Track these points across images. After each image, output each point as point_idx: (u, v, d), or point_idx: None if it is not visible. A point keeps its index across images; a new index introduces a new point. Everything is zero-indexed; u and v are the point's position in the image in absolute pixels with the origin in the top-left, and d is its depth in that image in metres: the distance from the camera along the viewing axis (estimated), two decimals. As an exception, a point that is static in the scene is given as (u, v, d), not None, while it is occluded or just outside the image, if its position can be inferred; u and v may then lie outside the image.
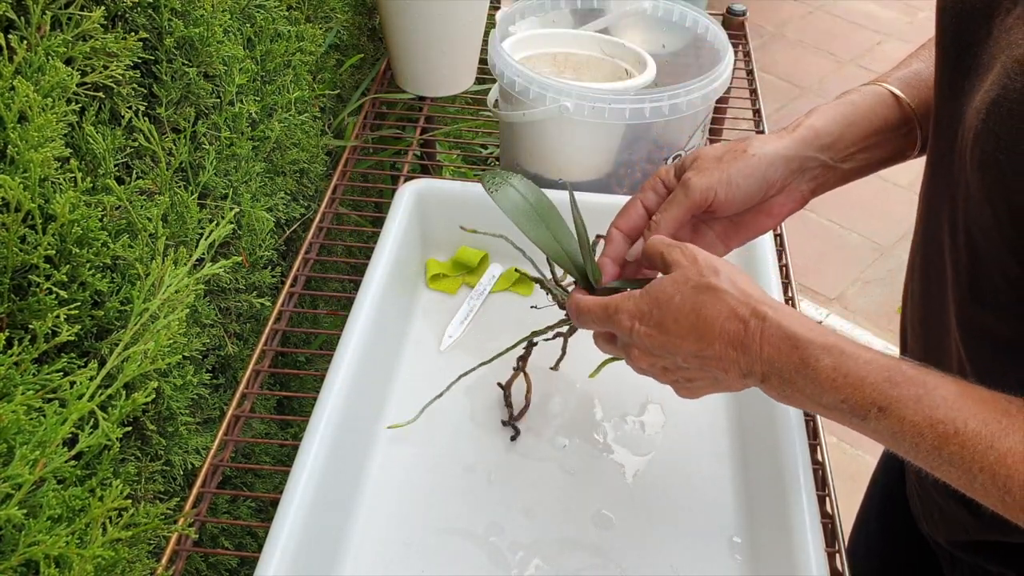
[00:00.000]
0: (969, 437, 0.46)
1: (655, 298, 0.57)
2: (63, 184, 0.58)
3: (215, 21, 0.75)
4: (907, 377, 0.49)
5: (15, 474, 0.47)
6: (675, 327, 0.56)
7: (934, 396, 0.47)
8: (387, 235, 0.83)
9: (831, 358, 0.50)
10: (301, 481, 0.62)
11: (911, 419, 0.47)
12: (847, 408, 0.50)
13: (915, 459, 0.49)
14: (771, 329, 0.53)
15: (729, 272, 0.56)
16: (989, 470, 0.45)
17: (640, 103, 0.84)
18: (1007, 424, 0.46)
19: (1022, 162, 0.46)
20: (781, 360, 0.52)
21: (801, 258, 2.36)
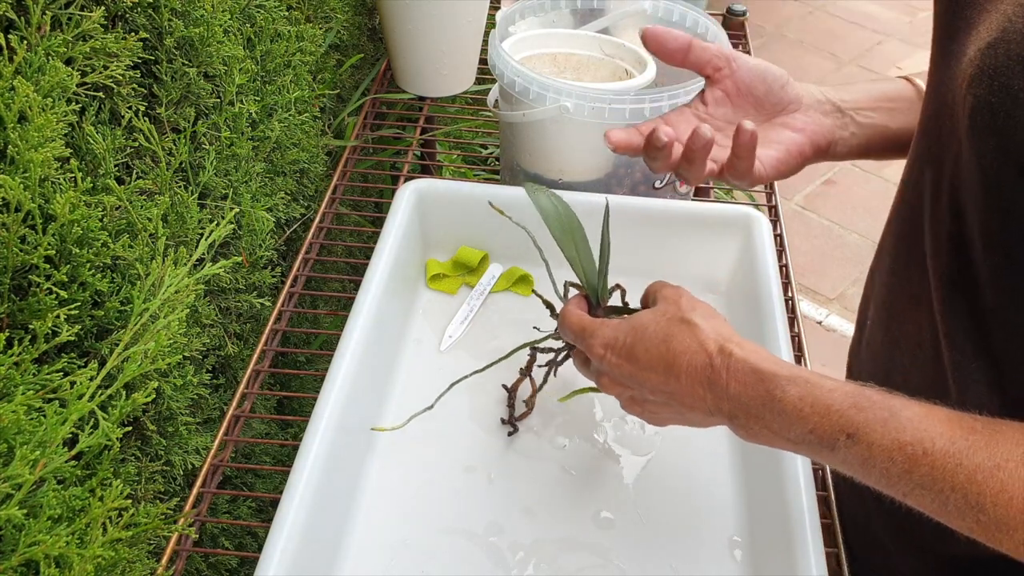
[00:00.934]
0: (938, 457, 0.45)
1: (631, 327, 0.58)
2: (63, 184, 0.58)
3: (215, 21, 0.75)
4: (872, 401, 0.48)
5: (15, 474, 0.47)
6: (645, 357, 0.56)
7: (900, 418, 0.47)
8: (387, 235, 0.83)
9: (796, 388, 0.50)
10: (301, 481, 0.62)
11: (879, 443, 0.47)
12: (815, 439, 0.49)
13: (887, 487, 0.48)
14: (737, 364, 0.53)
15: (706, 312, 0.57)
16: (961, 489, 0.44)
17: (640, 103, 0.84)
18: (974, 440, 0.45)
19: (1016, 103, 0.45)
20: (747, 395, 0.52)
21: (801, 258, 2.36)
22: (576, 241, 0.70)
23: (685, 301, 0.58)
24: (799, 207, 2.52)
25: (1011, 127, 0.46)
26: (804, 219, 2.49)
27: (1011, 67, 0.45)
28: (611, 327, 0.59)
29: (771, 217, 0.98)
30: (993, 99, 0.46)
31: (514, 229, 0.90)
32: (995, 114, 0.46)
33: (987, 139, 0.48)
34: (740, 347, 0.54)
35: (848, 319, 2.23)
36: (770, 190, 1.05)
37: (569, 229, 0.70)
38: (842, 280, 2.34)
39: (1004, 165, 0.47)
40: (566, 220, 0.71)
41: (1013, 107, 0.45)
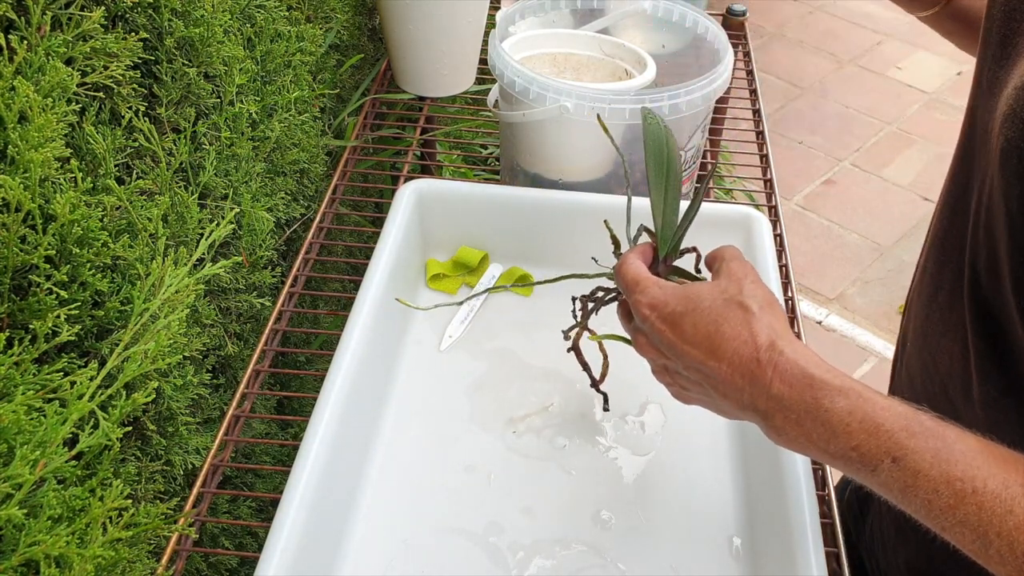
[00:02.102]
0: (988, 498, 0.43)
1: (686, 295, 0.54)
2: (63, 184, 0.58)
3: (215, 21, 0.75)
4: (926, 428, 0.46)
5: (15, 474, 0.47)
6: (691, 331, 0.53)
7: (953, 450, 0.44)
8: (387, 235, 0.83)
9: (847, 401, 0.47)
10: (301, 481, 0.62)
11: (927, 473, 0.44)
12: (856, 456, 0.47)
13: (924, 517, 0.45)
14: (786, 364, 0.50)
15: (766, 300, 0.53)
16: (1007, 536, 0.42)
17: (640, 103, 0.84)
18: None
19: None
20: (792, 398, 0.49)
21: (801, 258, 2.36)
22: (668, 183, 0.65)
23: (749, 284, 0.54)
24: (799, 207, 2.52)
25: None
26: (804, 219, 2.49)
27: None
28: (664, 289, 0.56)
29: (771, 217, 0.98)
30: (1022, 143, 0.45)
31: (514, 229, 0.90)
32: (1021, 159, 0.45)
33: (1014, 184, 0.46)
34: (791, 346, 0.51)
35: (847, 319, 2.23)
36: (770, 190, 1.05)
37: (666, 167, 0.65)
38: (842, 280, 2.34)
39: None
40: (668, 157, 0.65)
41: None
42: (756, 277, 0.55)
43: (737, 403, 0.52)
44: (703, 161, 1.01)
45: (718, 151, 1.25)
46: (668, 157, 0.65)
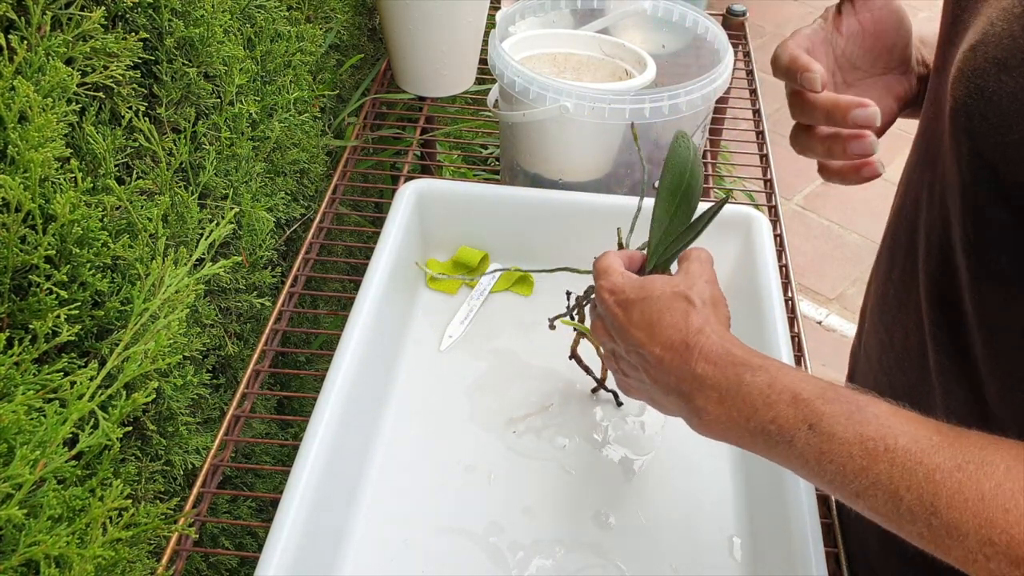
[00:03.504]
0: (899, 454, 0.44)
1: (641, 285, 0.57)
2: (63, 184, 0.58)
3: (215, 21, 0.75)
4: (840, 394, 0.47)
5: (15, 474, 0.47)
6: (638, 317, 0.56)
7: (865, 412, 0.46)
8: (387, 235, 0.83)
9: (766, 375, 0.49)
10: (301, 481, 0.62)
11: (841, 435, 0.45)
12: (775, 429, 0.48)
13: (840, 486, 0.46)
14: (711, 346, 0.52)
15: (712, 299, 0.56)
16: (916, 488, 0.43)
17: (640, 103, 0.84)
18: (938, 441, 0.44)
19: (989, 105, 0.45)
20: (715, 376, 0.51)
21: (801, 258, 2.36)
22: (678, 208, 0.66)
23: (701, 283, 0.57)
24: (799, 207, 2.52)
25: (985, 129, 0.45)
26: (804, 219, 2.49)
27: (987, 69, 0.45)
28: (625, 277, 0.59)
29: (771, 217, 0.98)
30: (969, 101, 0.46)
31: (514, 229, 0.90)
32: (971, 116, 0.46)
33: (963, 141, 0.47)
34: (719, 332, 0.53)
35: (848, 319, 2.23)
36: (770, 190, 1.05)
37: (681, 194, 0.66)
38: (842, 280, 2.34)
39: (979, 168, 0.47)
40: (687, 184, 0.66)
41: (987, 109, 0.45)
42: (712, 278, 0.58)
43: (665, 387, 0.54)
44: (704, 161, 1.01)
45: (718, 151, 1.25)
46: (688, 185, 0.66)
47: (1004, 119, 0.44)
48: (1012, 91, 0.44)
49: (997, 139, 0.45)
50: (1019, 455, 0.42)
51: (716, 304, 0.56)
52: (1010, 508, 0.40)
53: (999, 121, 0.45)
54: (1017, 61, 0.44)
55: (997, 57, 0.45)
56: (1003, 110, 0.44)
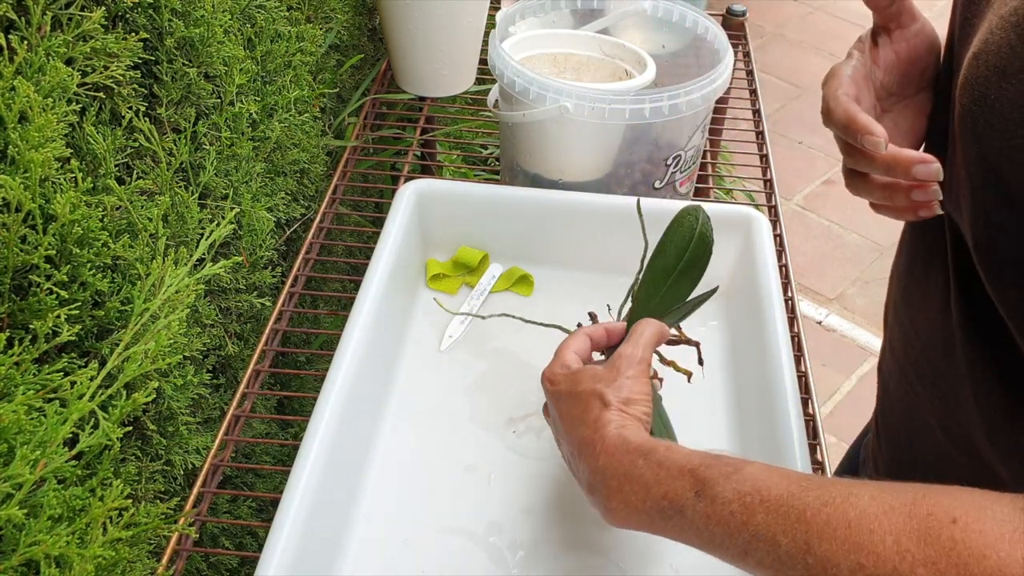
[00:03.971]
0: (772, 502, 0.45)
1: (572, 378, 0.59)
2: (64, 184, 0.58)
3: (215, 21, 0.75)
4: (720, 460, 0.50)
5: (16, 474, 0.48)
6: (565, 412, 0.59)
7: (742, 472, 0.48)
8: (387, 235, 0.83)
9: (657, 455, 0.51)
10: (301, 481, 0.63)
11: (721, 496, 0.47)
12: (668, 504, 0.50)
13: (729, 548, 0.48)
14: (609, 438, 0.54)
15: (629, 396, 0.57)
16: (791, 530, 0.44)
17: (640, 103, 0.84)
18: (807, 484, 0.46)
19: (992, 112, 0.46)
20: (612, 466, 0.53)
21: (801, 258, 2.36)
22: (670, 285, 0.67)
23: (622, 380, 0.58)
24: (799, 207, 2.52)
25: (989, 135, 0.47)
26: (804, 219, 2.49)
27: (988, 77, 0.47)
28: (563, 366, 0.61)
29: (771, 217, 0.98)
30: (974, 107, 0.47)
31: (514, 229, 0.90)
32: (976, 123, 0.47)
33: (971, 145, 0.48)
34: (618, 424, 0.55)
35: (848, 319, 2.23)
36: (770, 190, 1.06)
37: (671, 269, 0.67)
38: (842, 280, 2.34)
39: (986, 172, 0.48)
40: (683, 260, 0.67)
41: (990, 115, 0.46)
42: (639, 371, 0.59)
43: (581, 481, 0.57)
44: (704, 161, 1.01)
45: (718, 151, 1.25)
46: (687, 264, 0.67)
47: (1007, 125, 0.45)
48: (1013, 98, 0.45)
49: (1002, 144, 0.46)
50: (882, 486, 0.44)
51: (631, 402, 0.57)
52: (874, 528, 0.42)
53: (1003, 127, 0.46)
54: (1015, 69, 0.45)
55: (997, 65, 0.46)
56: (1005, 116, 0.45)
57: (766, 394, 0.72)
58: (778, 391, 0.70)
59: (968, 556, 0.39)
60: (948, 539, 0.40)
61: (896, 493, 0.43)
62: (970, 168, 0.49)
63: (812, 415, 0.77)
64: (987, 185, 0.48)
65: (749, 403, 0.77)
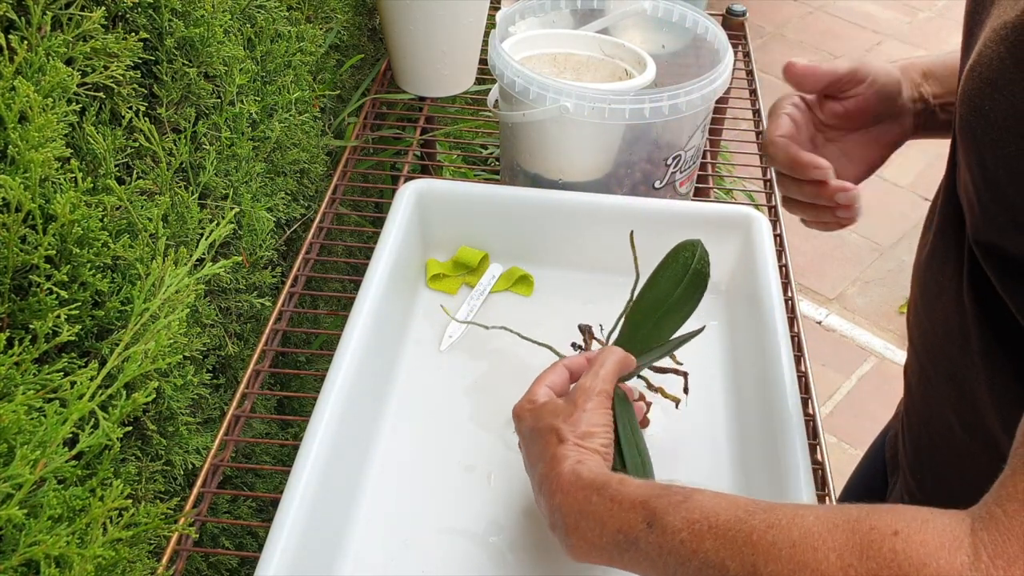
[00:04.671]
0: (720, 528, 0.46)
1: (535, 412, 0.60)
2: (64, 184, 0.58)
3: (215, 21, 0.75)
4: (671, 490, 0.50)
5: (16, 474, 0.48)
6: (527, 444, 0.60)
7: (692, 500, 0.48)
8: (387, 235, 0.83)
9: (609, 490, 0.52)
10: (301, 481, 0.62)
11: (672, 525, 0.48)
12: (623, 537, 0.50)
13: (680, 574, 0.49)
14: (564, 475, 0.54)
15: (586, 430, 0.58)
16: (739, 555, 0.45)
17: (640, 103, 0.84)
18: (754, 508, 0.46)
19: (987, 122, 0.48)
20: (568, 503, 0.54)
21: (801, 258, 2.36)
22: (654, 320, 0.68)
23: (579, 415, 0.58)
24: (799, 207, 2.52)
25: (985, 143, 0.48)
26: (804, 219, 2.49)
27: (982, 89, 0.48)
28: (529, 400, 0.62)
29: (771, 217, 0.98)
30: (971, 118, 0.49)
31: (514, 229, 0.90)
32: (973, 132, 0.49)
33: (971, 154, 0.50)
34: (573, 460, 0.55)
35: (848, 319, 2.23)
36: (770, 190, 1.05)
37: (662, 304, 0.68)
38: (842, 280, 2.34)
39: (985, 178, 0.49)
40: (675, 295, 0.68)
41: (985, 126, 0.48)
42: (596, 403, 0.59)
43: (545, 516, 0.57)
44: (704, 161, 1.01)
45: (718, 151, 1.25)
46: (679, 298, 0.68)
47: (1000, 135, 0.47)
48: (1004, 109, 0.47)
49: (997, 153, 0.48)
50: (829, 507, 0.45)
51: (588, 436, 0.58)
52: (818, 546, 0.42)
53: (997, 136, 0.47)
54: (1005, 81, 0.47)
55: (990, 77, 0.48)
56: (998, 127, 0.47)
57: (766, 394, 0.72)
58: (778, 391, 0.70)
59: (909, 567, 0.39)
60: (889, 551, 0.40)
61: (841, 511, 0.44)
62: (972, 173, 0.51)
63: (812, 415, 0.77)
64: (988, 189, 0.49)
65: (749, 403, 0.77)
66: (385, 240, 0.82)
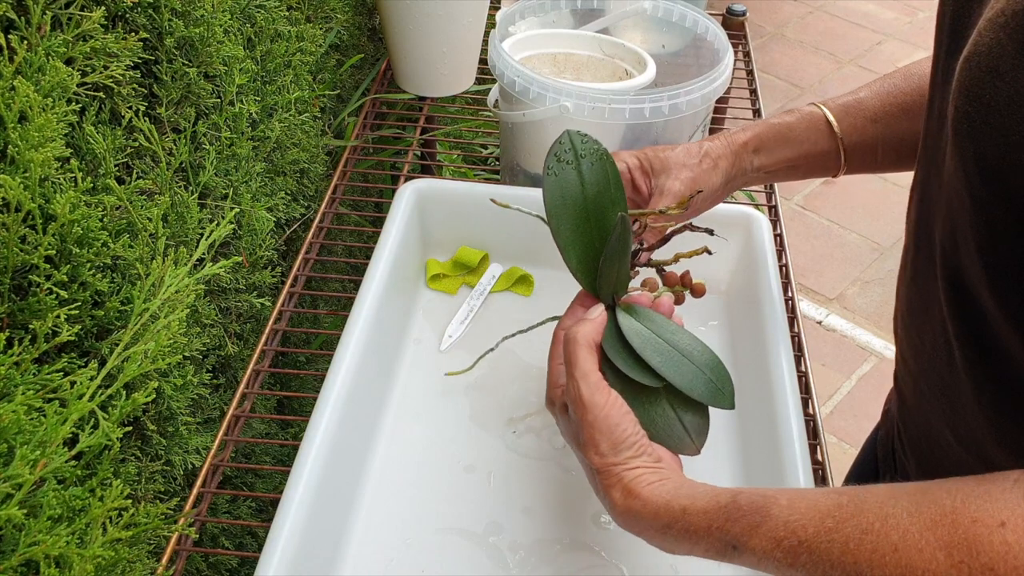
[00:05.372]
0: (812, 542, 0.46)
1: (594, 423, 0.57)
2: (63, 184, 0.58)
3: (215, 21, 0.75)
4: (742, 511, 0.50)
5: (15, 474, 0.47)
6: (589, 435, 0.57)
7: (770, 518, 0.49)
8: (387, 235, 0.83)
9: (677, 527, 0.52)
10: (301, 481, 0.62)
11: (760, 547, 0.48)
12: (715, 553, 0.51)
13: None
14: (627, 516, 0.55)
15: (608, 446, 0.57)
16: (839, 564, 0.45)
17: (640, 103, 0.84)
18: (840, 516, 0.46)
19: (988, 112, 0.47)
20: (647, 536, 0.55)
21: (801, 258, 2.36)
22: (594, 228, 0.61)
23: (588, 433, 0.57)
24: (799, 207, 2.52)
25: (987, 133, 0.48)
26: (804, 219, 2.49)
27: (981, 78, 0.48)
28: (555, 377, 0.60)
29: (771, 217, 0.98)
30: (970, 109, 0.48)
31: (514, 229, 0.90)
32: (972, 123, 0.48)
33: (967, 145, 0.49)
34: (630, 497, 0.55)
35: (848, 319, 2.23)
36: (770, 190, 1.05)
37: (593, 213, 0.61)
38: (842, 280, 2.34)
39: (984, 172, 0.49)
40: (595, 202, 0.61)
41: (987, 115, 0.47)
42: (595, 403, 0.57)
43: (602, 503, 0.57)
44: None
45: (718, 151, 1.25)
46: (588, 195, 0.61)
47: (1004, 123, 0.46)
48: (1008, 95, 0.46)
49: (1000, 141, 0.47)
50: (911, 497, 0.45)
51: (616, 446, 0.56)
52: (923, 547, 0.42)
53: (1000, 125, 0.47)
54: (1008, 67, 0.46)
55: (989, 65, 0.47)
56: (1002, 114, 0.46)
57: (766, 394, 0.72)
58: (778, 391, 0.70)
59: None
60: (1001, 544, 0.40)
61: (930, 503, 0.44)
62: (968, 170, 0.50)
63: (812, 415, 0.77)
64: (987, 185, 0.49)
65: (749, 403, 0.77)
66: (385, 240, 0.82)
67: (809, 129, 0.74)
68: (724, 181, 0.73)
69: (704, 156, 0.72)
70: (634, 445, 0.56)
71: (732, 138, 0.74)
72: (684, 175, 0.71)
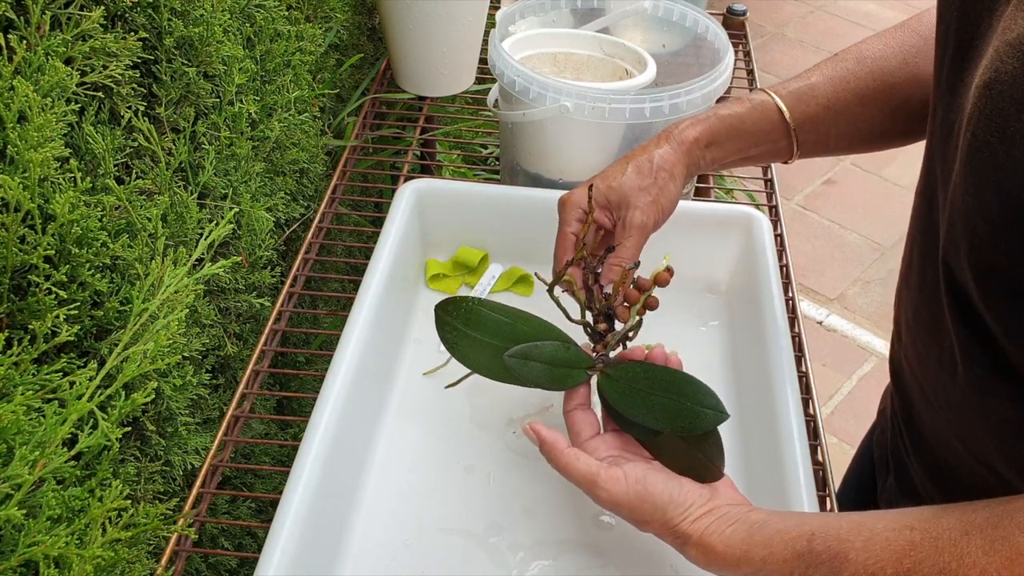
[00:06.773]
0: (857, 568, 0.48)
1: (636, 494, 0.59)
2: (63, 184, 0.58)
3: (215, 21, 0.75)
4: (820, 559, 0.51)
5: (15, 474, 0.47)
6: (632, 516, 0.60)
7: (848, 563, 0.49)
8: (387, 235, 0.83)
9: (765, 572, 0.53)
10: (301, 481, 0.62)
11: None
12: None
13: None
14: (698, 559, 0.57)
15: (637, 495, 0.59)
16: None
17: (640, 103, 0.84)
18: (916, 556, 0.47)
19: (1012, 144, 0.46)
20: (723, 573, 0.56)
21: (801, 258, 2.36)
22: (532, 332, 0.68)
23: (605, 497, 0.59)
24: (799, 207, 2.52)
25: (1010, 166, 0.46)
26: (804, 219, 2.49)
27: (1005, 109, 0.46)
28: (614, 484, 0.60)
29: (771, 217, 0.98)
30: (991, 140, 0.47)
31: (514, 229, 0.90)
32: (994, 154, 0.47)
33: (988, 175, 0.48)
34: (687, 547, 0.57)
35: (848, 319, 2.23)
36: (770, 190, 1.05)
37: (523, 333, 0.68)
38: (842, 280, 2.34)
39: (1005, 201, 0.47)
40: (514, 334, 0.68)
41: (1011, 147, 0.46)
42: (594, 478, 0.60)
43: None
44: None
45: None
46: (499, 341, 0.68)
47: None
48: None
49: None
50: (985, 530, 0.46)
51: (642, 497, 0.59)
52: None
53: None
54: None
55: (1014, 97, 0.46)
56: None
57: (766, 394, 0.72)
58: (778, 391, 0.70)
59: None
60: None
61: (1004, 541, 0.45)
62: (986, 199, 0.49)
63: (813, 415, 0.77)
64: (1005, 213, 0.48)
65: (749, 403, 0.77)
66: (385, 240, 0.82)
67: (761, 119, 0.74)
68: (682, 186, 0.73)
69: (658, 171, 0.71)
70: (674, 500, 0.58)
71: (681, 136, 0.73)
72: (643, 201, 0.70)
